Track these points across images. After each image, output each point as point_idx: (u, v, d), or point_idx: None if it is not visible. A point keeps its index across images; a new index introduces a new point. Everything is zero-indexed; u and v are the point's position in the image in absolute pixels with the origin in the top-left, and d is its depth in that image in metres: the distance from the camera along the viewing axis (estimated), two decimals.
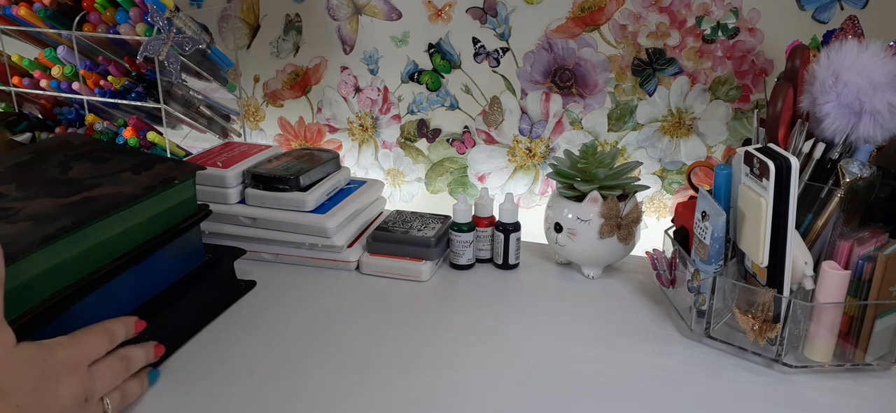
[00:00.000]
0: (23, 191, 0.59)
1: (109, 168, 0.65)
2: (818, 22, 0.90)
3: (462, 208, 0.89)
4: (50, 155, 0.67)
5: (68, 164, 0.65)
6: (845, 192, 0.69)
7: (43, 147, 0.68)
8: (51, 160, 0.66)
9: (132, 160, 0.68)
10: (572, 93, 1.02)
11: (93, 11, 0.91)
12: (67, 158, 0.66)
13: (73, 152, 0.68)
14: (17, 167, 0.64)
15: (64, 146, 0.69)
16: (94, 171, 0.64)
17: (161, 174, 0.66)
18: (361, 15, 1.06)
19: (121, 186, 0.61)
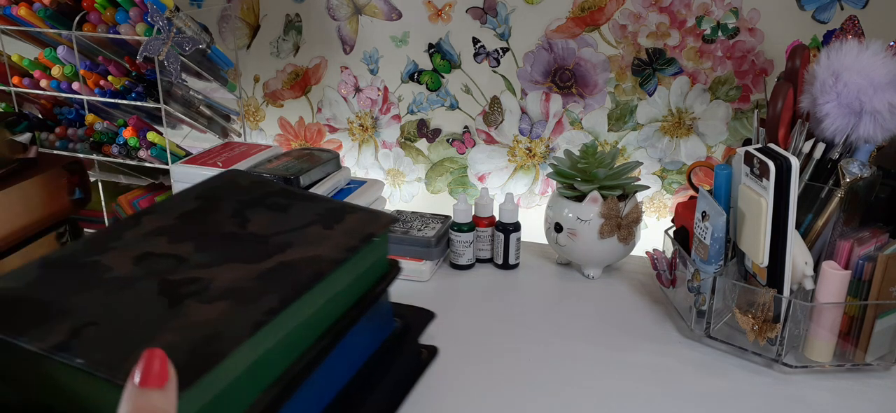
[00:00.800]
0: (204, 253, 0.47)
1: (293, 220, 0.53)
2: (818, 22, 0.90)
3: (462, 208, 0.89)
4: (218, 201, 0.56)
5: (243, 214, 0.54)
6: (845, 192, 0.69)
7: (208, 191, 0.57)
8: (221, 208, 0.54)
9: (316, 208, 0.56)
10: (572, 93, 1.02)
11: (93, 11, 0.91)
12: (241, 206, 0.55)
13: (244, 197, 0.56)
14: (187, 219, 0.52)
15: (231, 188, 0.58)
16: (276, 224, 0.52)
17: (357, 229, 0.53)
18: (361, 15, 1.06)
19: (317, 247, 0.49)
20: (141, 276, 0.44)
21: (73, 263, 0.45)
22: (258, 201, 0.56)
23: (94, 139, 0.97)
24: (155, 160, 0.95)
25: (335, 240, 0.51)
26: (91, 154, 0.98)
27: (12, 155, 0.88)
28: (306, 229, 0.52)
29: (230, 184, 0.59)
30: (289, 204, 0.56)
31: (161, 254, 0.47)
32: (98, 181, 1.02)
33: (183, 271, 0.44)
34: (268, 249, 0.48)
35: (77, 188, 0.94)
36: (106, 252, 0.46)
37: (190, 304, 0.41)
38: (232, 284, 0.43)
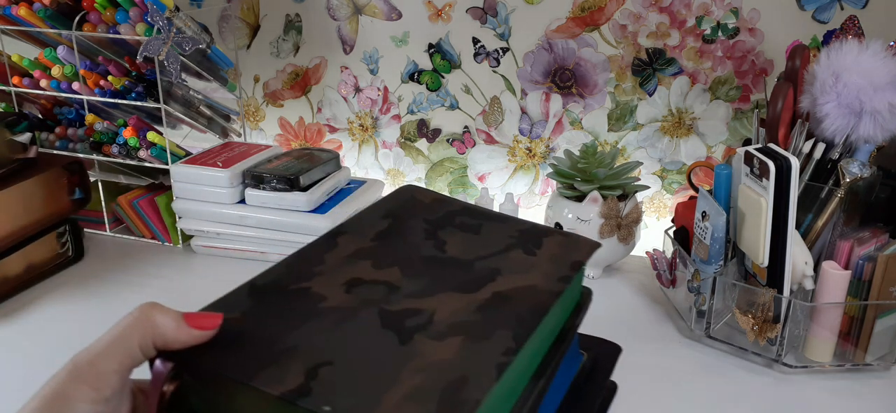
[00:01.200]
0: (413, 280, 0.44)
1: (489, 243, 0.49)
2: (818, 22, 0.90)
3: None
4: (407, 219, 0.52)
5: (436, 235, 0.50)
6: (845, 192, 0.69)
7: (395, 208, 0.53)
8: (411, 228, 0.51)
9: (508, 230, 0.51)
10: (572, 93, 1.02)
11: (93, 11, 0.91)
12: (432, 227, 0.51)
13: (431, 216, 0.53)
14: (382, 240, 0.49)
15: (414, 204, 0.54)
16: (473, 246, 0.49)
17: (561, 255, 0.48)
18: (361, 15, 1.06)
19: (527, 275, 0.45)
20: (357, 306, 0.40)
21: (282, 291, 0.43)
22: (446, 221, 0.52)
23: (94, 139, 0.97)
24: (155, 160, 0.95)
25: (543, 267, 0.46)
26: (91, 154, 0.98)
27: (12, 155, 0.88)
28: (508, 254, 0.48)
29: (412, 201, 0.55)
30: (479, 224, 0.52)
31: (371, 281, 0.43)
32: (98, 181, 1.02)
33: (399, 301, 0.41)
34: (476, 277, 0.45)
35: (77, 188, 0.94)
36: (313, 277, 0.44)
37: (421, 341, 0.37)
38: (455, 318, 0.40)
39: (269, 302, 0.41)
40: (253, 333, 0.38)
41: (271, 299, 0.42)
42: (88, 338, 0.36)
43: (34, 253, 0.88)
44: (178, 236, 0.99)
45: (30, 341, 0.75)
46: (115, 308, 0.82)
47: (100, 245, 0.99)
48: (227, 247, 0.94)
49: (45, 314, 0.81)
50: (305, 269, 0.45)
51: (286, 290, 0.43)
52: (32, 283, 0.87)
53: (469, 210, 0.54)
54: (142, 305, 0.36)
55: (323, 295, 0.42)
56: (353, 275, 0.44)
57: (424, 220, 0.52)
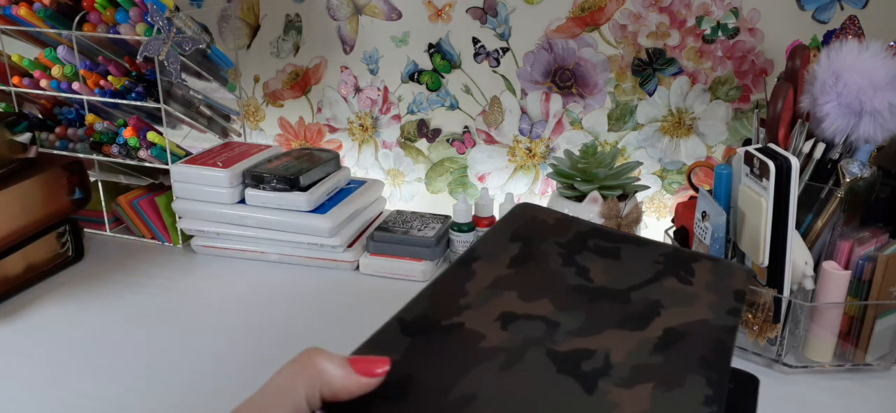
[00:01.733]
0: (568, 314, 0.40)
1: (636, 269, 0.45)
2: (818, 22, 0.90)
3: (462, 208, 0.89)
4: (537, 243, 0.48)
5: (574, 260, 0.46)
6: (845, 192, 0.69)
7: (520, 229, 0.49)
8: (545, 253, 0.47)
9: (649, 254, 0.47)
10: (572, 93, 1.02)
11: (93, 11, 0.91)
12: (567, 251, 0.47)
13: (560, 238, 0.49)
14: (518, 267, 0.45)
15: (537, 227, 0.50)
16: (621, 274, 0.45)
17: (716, 282, 0.44)
18: (361, 15, 1.06)
19: (691, 308, 0.41)
20: (520, 347, 0.37)
21: (435, 328, 0.39)
22: (580, 244, 0.48)
23: (94, 139, 0.97)
24: (155, 160, 0.95)
25: (705, 298, 0.42)
26: (91, 154, 0.98)
27: (12, 155, 0.88)
28: (661, 283, 0.44)
29: (534, 221, 0.51)
30: (616, 248, 0.48)
31: (524, 315, 0.40)
32: (98, 181, 1.02)
33: (564, 340, 0.38)
34: (638, 310, 0.41)
35: (77, 188, 0.94)
36: (462, 311, 0.41)
37: (607, 388, 0.34)
38: (633, 360, 0.37)
39: (425, 341, 0.38)
40: (421, 380, 0.35)
41: (426, 338, 0.38)
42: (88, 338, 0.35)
43: (34, 253, 0.88)
44: (178, 236, 0.99)
45: (30, 341, 0.75)
46: (115, 308, 0.82)
47: (100, 245, 0.99)
48: (227, 247, 0.94)
49: (45, 314, 0.81)
50: (450, 301, 0.41)
51: (438, 326, 0.39)
52: (32, 283, 0.87)
53: (599, 231, 0.50)
54: (306, 352, 0.32)
55: (480, 332, 0.38)
56: (502, 308, 0.41)
57: (556, 243, 0.48)
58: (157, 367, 0.70)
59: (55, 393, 0.67)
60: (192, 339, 0.76)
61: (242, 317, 0.80)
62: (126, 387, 0.67)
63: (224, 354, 0.73)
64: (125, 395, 0.66)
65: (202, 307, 0.83)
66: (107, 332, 0.77)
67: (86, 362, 0.71)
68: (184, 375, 0.69)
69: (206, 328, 0.78)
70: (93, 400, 0.65)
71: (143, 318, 0.80)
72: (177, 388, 0.67)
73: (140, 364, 0.71)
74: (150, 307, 0.82)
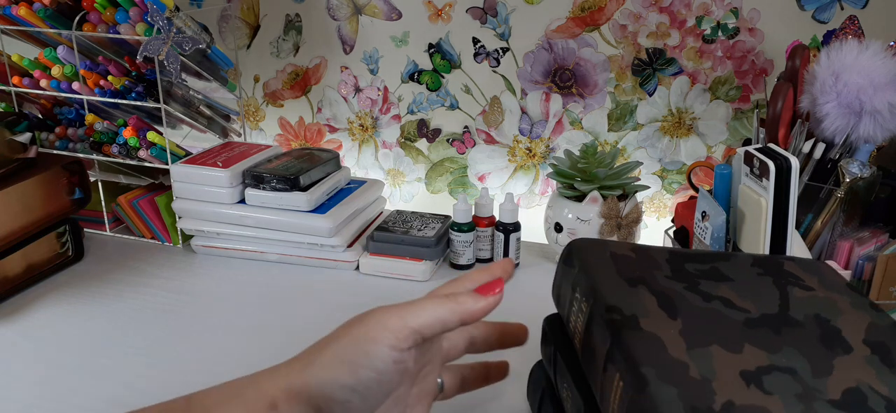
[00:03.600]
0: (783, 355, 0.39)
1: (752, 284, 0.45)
2: (818, 22, 0.90)
3: (462, 208, 0.89)
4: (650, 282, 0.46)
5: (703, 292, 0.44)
6: (845, 192, 0.69)
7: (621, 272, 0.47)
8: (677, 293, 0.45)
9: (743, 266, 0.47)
10: (572, 93, 1.02)
11: (93, 11, 0.91)
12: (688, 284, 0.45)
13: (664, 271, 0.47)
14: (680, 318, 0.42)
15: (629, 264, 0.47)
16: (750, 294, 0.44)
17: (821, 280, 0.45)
18: (361, 15, 1.06)
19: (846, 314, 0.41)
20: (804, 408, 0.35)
21: None
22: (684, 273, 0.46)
23: (94, 139, 0.97)
24: (155, 160, 0.95)
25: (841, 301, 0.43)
26: (91, 154, 0.98)
27: (12, 155, 0.88)
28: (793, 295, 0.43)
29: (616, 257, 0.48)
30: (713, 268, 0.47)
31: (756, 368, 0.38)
32: (98, 181, 1.02)
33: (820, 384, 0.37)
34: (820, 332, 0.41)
35: (77, 188, 0.94)
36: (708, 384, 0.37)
37: None
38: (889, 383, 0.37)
39: None
40: None
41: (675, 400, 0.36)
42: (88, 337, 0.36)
43: (34, 253, 0.88)
44: (178, 236, 0.99)
45: (30, 341, 0.75)
46: (115, 308, 0.82)
47: (100, 245, 0.99)
48: (227, 247, 0.94)
49: (45, 314, 0.81)
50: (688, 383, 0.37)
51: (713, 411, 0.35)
52: (32, 283, 0.87)
53: (677, 254, 0.48)
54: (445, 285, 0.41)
55: (755, 405, 0.35)
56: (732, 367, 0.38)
57: (667, 278, 0.46)
58: (157, 366, 0.70)
59: (55, 393, 0.67)
60: (192, 339, 0.76)
61: (242, 317, 0.80)
62: (126, 387, 0.67)
63: (224, 354, 0.73)
64: (125, 395, 0.66)
65: (202, 307, 0.83)
66: (107, 332, 0.77)
67: (86, 362, 0.71)
68: (184, 375, 0.69)
69: (206, 328, 0.78)
70: (93, 400, 0.65)
71: (143, 318, 0.80)
72: (177, 388, 0.67)
73: (140, 364, 0.71)
74: (150, 307, 0.82)
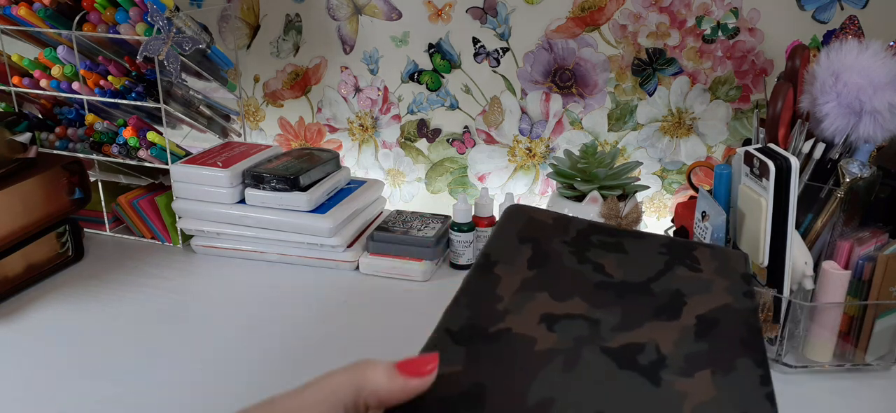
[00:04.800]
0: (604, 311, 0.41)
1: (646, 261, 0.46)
2: (818, 22, 0.90)
3: (462, 208, 0.89)
4: (545, 243, 0.48)
5: (585, 256, 0.46)
6: (845, 192, 0.69)
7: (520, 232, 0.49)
8: (558, 252, 0.47)
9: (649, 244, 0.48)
10: (572, 93, 1.02)
11: (93, 11, 0.91)
12: (575, 248, 0.47)
13: (564, 237, 0.48)
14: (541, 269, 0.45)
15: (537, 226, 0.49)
16: (635, 267, 0.45)
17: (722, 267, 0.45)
18: (361, 15, 1.06)
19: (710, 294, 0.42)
20: (574, 347, 0.38)
21: (485, 335, 0.39)
22: (585, 241, 0.48)
23: (94, 139, 0.97)
24: (155, 160, 0.95)
25: (720, 284, 0.43)
26: (91, 154, 0.98)
27: (12, 155, 0.88)
28: (674, 272, 0.44)
29: (534, 222, 0.50)
30: (618, 242, 0.48)
31: (563, 315, 0.41)
32: (98, 181, 1.02)
33: (611, 336, 0.39)
34: (666, 302, 0.42)
35: (77, 188, 0.94)
36: (504, 316, 0.41)
37: (671, 380, 0.35)
38: (681, 349, 0.37)
39: (479, 348, 0.38)
40: (493, 388, 0.35)
41: (479, 345, 0.38)
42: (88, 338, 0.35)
43: (34, 253, 0.88)
44: (178, 236, 0.99)
45: (30, 341, 0.75)
46: (115, 308, 0.82)
47: (100, 245, 0.99)
48: (227, 247, 0.94)
49: (45, 314, 0.81)
50: (489, 307, 0.41)
51: (487, 333, 0.39)
52: (32, 283, 0.87)
53: (595, 227, 0.50)
54: (357, 362, 0.32)
55: (529, 336, 0.39)
56: (541, 310, 0.41)
57: (563, 242, 0.48)
58: (156, 366, 0.70)
59: (55, 393, 0.67)
60: (192, 339, 0.76)
61: (242, 317, 0.80)
62: (126, 387, 0.67)
63: (224, 354, 0.73)
64: (125, 394, 0.66)
65: (202, 307, 0.83)
66: (107, 332, 0.77)
67: (86, 362, 0.71)
68: (184, 375, 0.69)
69: (206, 328, 0.78)
70: (92, 400, 0.65)
71: (143, 318, 0.80)
72: (177, 388, 0.67)
73: (140, 364, 0.71)
74: (150, 307, 0.82)
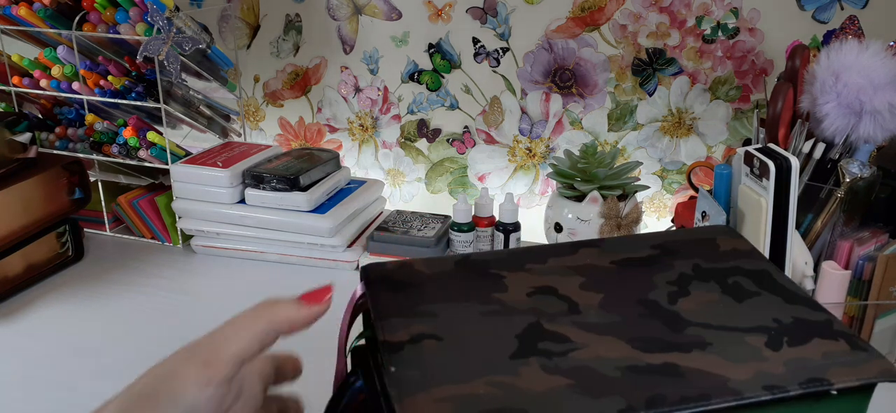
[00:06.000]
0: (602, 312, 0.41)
1: (738, 315, 0.41)
2: (818, 22, 0.90)
3: (462, 208, 0.89)
4: (676, 256, 0.46)
5: (687, 286, 0.43)
6: (845, 192, 0.69)
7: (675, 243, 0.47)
8: (670, 267, 0.45)
9: (779, 313, 0.41)
10: (572, 93, 1.02)
11: (93, 11, 0.91)
12: (693, 275, 0.44)
13: (707, 264, 0.45)
14: (623, 268, 0.45)
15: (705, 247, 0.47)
16: (713, 312, 0.41)
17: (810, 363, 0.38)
18: (361, 15, 1.06)
19: (735, 366, 0.37)
20: (522, 310, 0.41)
21: (483, 270, 0.45)
22: (721, 274, 0.45)
23: (94, 139, 0.97)
24: (155, 160, 0.95)
25: (768, 366, 0.37)
26: (91, 154, 0.98)
27: (12, 155, 0.88)
28: (744, 336, 0.39)
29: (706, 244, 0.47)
30: (756, 293, 0.43)
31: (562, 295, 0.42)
32: (98, 181, 1.02)
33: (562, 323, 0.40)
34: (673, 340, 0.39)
35: (77, 188, 0.94)
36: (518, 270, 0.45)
37: (532, 366, 0.36)
38: (592, 363, 0.37)
39: (465, 273, 0.44)
40: (425, 290, 0.42)
41: (469, 272, 0.44)
42: (88, 338, 0.36)
43: (34, 253, 0.88)
44: (178, 236, 0.99)
45: (30, 341, 0.75)
46: (115, 308, 0.82)
47: (100, 245, 0.99)
48: (227, 247, 0.94)
49: (45, 314, 0.81)
50: (519, 261, 0.46)
51: (487, 271, 0.45)
52: (32, 283, 0.87)
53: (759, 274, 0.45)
54: (261, 302, 0.36)
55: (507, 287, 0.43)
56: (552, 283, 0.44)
57: (694, 266, 0.45)
58: None
59: (55, 393, 0.67)
60: (192, 339, 0.75)
61: None
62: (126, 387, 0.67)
63: None
64: None
65: (202, 307, 0.83)
66: (107, 332, 0.77)
67: (86, 362, 0.71)
68: None
69: (206, 328, 0.78)
70: (92, 400, 0.65)
71: (143, 318, 0.79)
72: None
73: (140, 364, 0.71)
74: (150, 307, 0.82)
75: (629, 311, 0.41)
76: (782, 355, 0.38)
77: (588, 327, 0.40)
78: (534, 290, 0.43)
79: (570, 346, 0.38)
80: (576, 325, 0.40)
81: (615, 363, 0.37)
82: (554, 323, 0.40)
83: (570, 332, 0.39)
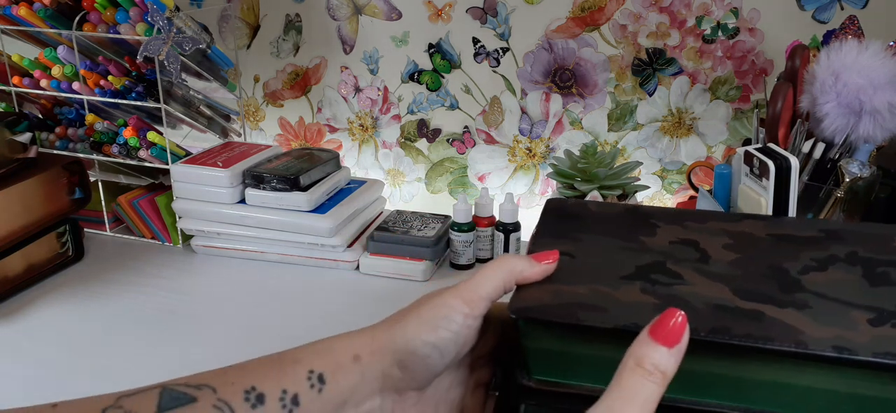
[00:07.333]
0: (727, 267, 0.42)
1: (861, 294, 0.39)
2: (818, 22, 0.90)
3: (462, 208, 0.89)
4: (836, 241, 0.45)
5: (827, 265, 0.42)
6: (845, 191, 0.69)
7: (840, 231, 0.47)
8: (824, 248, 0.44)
9: None
10: (572, 93, 1.02)
11: (93, 11, 0.91)
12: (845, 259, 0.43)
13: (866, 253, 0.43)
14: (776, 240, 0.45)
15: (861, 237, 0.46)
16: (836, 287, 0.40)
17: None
18: (361, 15, 1.06)
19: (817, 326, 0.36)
20: (656, 252, 0.44)
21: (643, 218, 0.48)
22: (874, 263, 0.43)
23: (94, 139, 0.97)
24: (155, 160, 0.95)
25: (854, 335, 0.35)
26: (91, 154, 0.98)
27: (12, 155, 0.88)
28: (850, 309, 0.37)
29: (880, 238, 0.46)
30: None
31: (700, 248, 0.45)
32: (98, 181, 1.02)
33: (684, 267, 0.42)
34: (776, 296, 0.39)
35: (77, 188, 0.94)
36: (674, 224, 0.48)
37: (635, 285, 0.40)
38: (686, 296, 0.38)
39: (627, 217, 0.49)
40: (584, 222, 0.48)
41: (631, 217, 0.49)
42: (88, 338, 0.36)
43: (34, 253, 0.88)
44: (178, 236, 0.99)
45: (30, 341, 0.76)
46: (115, 308, 0.82)
47: (100, 245, 0.99)
48: (227, 247, 0.95)
49: (45, 314, 0.81)
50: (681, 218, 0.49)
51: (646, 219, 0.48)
52: (32, 283, 0.87)
53: None
54: (500, 256, 0.48)
55: (656, 233, 0.46)
56: (697, 238, 0.46)
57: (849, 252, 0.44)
58: (157, 366, 0.70)
59: (55, 393, 0.67)
60: (192, 339, 0.76)
61: (242, 317, 0.80)
62: (126, 387, 0.67)
63: (224, 354, 0.73)
64: None
65: (202, 307, 0.83)
66: (107, 332, 0.77)
67: (86, 362, 0.71)
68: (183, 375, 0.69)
69: (206, 328, 0.78)
70: None
71: (143, 318, 0.80)
72: None
73: (140, 364, 0.71)
74: (150, 307, 0.82)
75: (754, 270, 0.42)
76: (878, 332, 0.35)
77: (706, 273, 0.41)
78: (678, 241, 0.45)
79: (678, 282, 0.41)
80: (696, 271, 0.42)
81: (707, 300, 0.38)
82: (678, 265, 0.42)
83: (687, 273, 0.41)
